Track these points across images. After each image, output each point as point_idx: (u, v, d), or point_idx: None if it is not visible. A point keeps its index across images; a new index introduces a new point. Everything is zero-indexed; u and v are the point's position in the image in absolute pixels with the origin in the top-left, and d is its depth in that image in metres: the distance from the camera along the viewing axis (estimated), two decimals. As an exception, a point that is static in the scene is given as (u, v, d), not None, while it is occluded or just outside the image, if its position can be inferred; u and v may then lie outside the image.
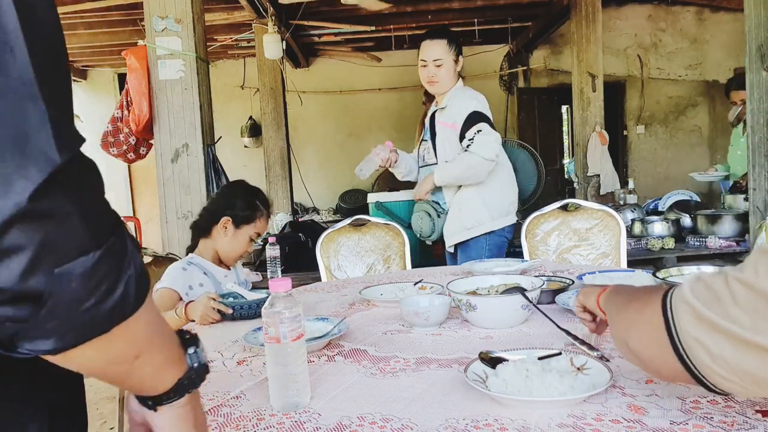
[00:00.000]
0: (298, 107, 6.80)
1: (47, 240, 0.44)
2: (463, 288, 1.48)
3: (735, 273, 0.58)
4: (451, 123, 2.56)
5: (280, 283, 0.95)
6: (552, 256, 2.49)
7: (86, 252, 0.46)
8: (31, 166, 0.43)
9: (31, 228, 0.43)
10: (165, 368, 0.61)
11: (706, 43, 7.50)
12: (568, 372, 0.95)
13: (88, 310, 0.47)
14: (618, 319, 0.79)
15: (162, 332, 0.60)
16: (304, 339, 0.98)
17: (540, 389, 0.90)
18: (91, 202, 0.49)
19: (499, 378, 0.94)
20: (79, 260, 0.46)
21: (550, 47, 7.65)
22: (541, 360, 0.98)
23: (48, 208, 0.44)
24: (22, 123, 0.43)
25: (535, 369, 0.94)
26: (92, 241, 0.47)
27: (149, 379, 0.60)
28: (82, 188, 0.48)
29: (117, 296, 0.49)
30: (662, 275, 1.55)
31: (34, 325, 0.45)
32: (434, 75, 2.57)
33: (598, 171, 5.29)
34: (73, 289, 0.45)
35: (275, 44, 4.85)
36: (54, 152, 0.44)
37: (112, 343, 0.51)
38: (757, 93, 3.08)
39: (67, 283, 0.45)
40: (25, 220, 0.43)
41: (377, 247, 2.64)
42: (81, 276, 0.46)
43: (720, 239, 3.29)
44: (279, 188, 5.81)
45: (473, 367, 0.99)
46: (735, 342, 0.56)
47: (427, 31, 2.71)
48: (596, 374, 0.95)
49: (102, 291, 0.48)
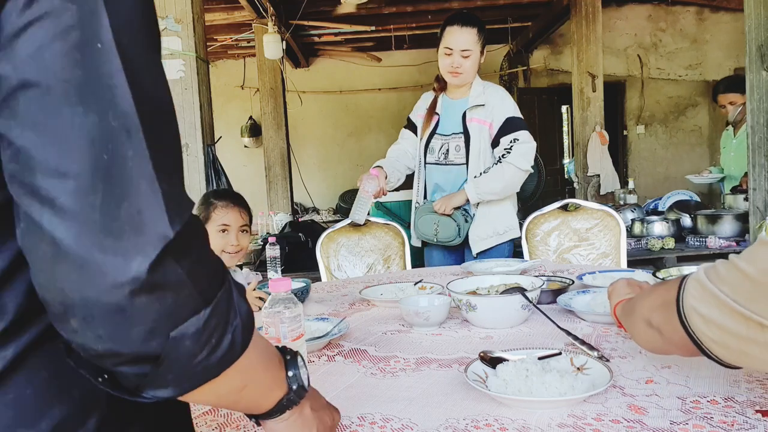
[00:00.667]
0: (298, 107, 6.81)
1: (163, 308, 0.48)
2: (463, 288, 1.48)
3: (734, 258, 0.70)
4: (489, 121, 2.38)
5: (280, 283, 0.95)
6: (552, 256, 2.49)
7: (197, 311, 0.50)
8: (146, 244, 0.47)
9: (149, 298, 0.47)
10: (269, 392, 0.66)
11: (706, 43, 7.50)
12: (568, 372, 0.95)
13: (200, 362, 0.51)
14: (644, 303, 0.89)
15: (265, 360, 0.64)
16: (304, 339, 0.98)
17: (540, 389, 0.90)
18: (201, 262, 0.52)
19: (499, 378, 0.94)
20: (191, 320, 0.50)
21: (550, 47, 7.65)
22: (541, 360, 0.98)
23: (162, 279, 0.48)
24: (137, 200, 0.47)
25: (535, 369, 0.94)
26: (202, 300, 0.51)
27: (255, 402, 0.66)
28: (192, 251, 0.51)
29: (225, 345, 0.53)
30: (662, 275, 1.55)
31: (153, 379, 0.51)
32: (460, 66, 2.34)
33: (598, 171, 5.30)
34: (186, 347, 0.50)
35: (275, 44, 4.85)
36: (167, 228, 0.48)
37: (222, 382, 0.55)
38: (757, 93, 3.08)
39: (182, 343, 0.49)
40: (143, 292, 0.47)
41: (377, 247, 2.64)
42: (193, 335, 0.50)
43: (720, 239, 3.29)
44: (279, 188, 5.82)
45: (473, 367, 0.99)
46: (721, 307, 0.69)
47: (454, 14, 2.44)
48: (596, 374, 0.95)
49: (212, 344, 0.51)
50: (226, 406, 0.72)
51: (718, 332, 0.70)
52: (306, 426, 0.72)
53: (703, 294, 0.71)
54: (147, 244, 0.47)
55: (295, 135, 7.40)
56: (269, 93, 5.80)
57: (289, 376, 0.68)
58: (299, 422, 0.72)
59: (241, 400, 0.63)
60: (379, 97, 7.85)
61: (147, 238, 0.47)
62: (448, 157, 2.44)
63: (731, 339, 0.69)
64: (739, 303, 0.67)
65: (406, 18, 6.03)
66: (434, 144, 2.48)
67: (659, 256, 3.22)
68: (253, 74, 6.67)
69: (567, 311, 1.42)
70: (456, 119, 2.44)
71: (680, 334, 0.75)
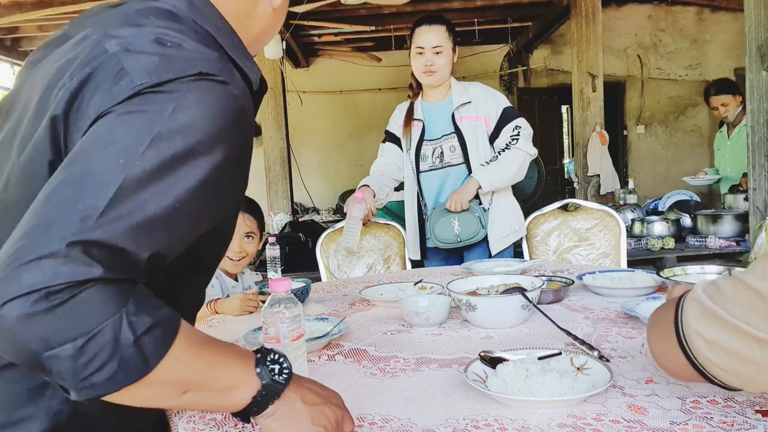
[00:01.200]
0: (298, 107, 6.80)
1: (40, 333, 0.58)
2: (463, 288, 1.48)
3: (740, 274, 0.63)
4: (483, 116, 2.38)
5: (280, 283, 0.95)
6: (552, 256, 2.49)
7: (73, 339, 0.59)
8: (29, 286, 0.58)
9: (30, 324, 0.58)
10: (231, 391, 0.71)
11: (706, 43, 7.50)
12: (568, 372, 0.95)
13: (86, 379, 0.60)
14: (648, 326, 0.83)
15: (215, 365, 0.70)
16: (305, 339, 0.98)
17: (540, 389, 0.90)
18: (76, 302, 0.60)
19: (499, 378, 0.94)
20: (65, 346, 0.58)
21: (550, 47, 7.65)
22: (541, 360, 0.98)
23: (41, 310, 0.58)
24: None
25: (535, 369, 0.94)
26: (78, 331, 0.59)
27: (218, 403, 0.72)
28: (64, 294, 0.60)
29: (113, 368, 0.60)
30: (666, 274, 1.55)
31: (58, 384, 0.62)
32: (433, 64, 2.34)
33: (598, 171, 5.29)
34: (66, 366, 0.59)
35: (275, 44, 4.86)
36: (45, 277, 0.59)
37: (145, 390, 0.64)
38: (757, 93, 3.08)
39: (59, 362, 0.59)
40: (27, 318, 0.58)
41: (377, 247, 2.64)
42: (69, 357, 0.59)
43: (720, 239, 3.29)
44: (279, 188, 5.81)
45: (473, 367, 0.99)
46: (728, 329, 0.62)
47: (422, 16, 2.45)
48: (596, 374, 0.95)
49: (94, 367, 0.60)
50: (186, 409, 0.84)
51: (725, 357, 0.63)
52: (297, 419, 0.75)
53: (704, 315, 0.65)
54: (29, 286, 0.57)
55: (295, 135, 7.39)
56: (269, 93, 5.78)
57: (258, 372, 0.72)
58: (288, 416, 0.74)
59: (196, 403, 0.70)
60: (379, 97, 7.85)
61: (27, 282, 0.58)
62: (443, 160, 2.41)
63: (741, 365, 0.62)
64: (751, 324, 0.60)
65: (406, 18, 6.02)
66: (425, 150, 2.44)
67: (659, 256, 3.22)
68: (253, 74, 6.65)
69: (569, 311, 1.42)
70: (443, 121, 2.42)
71: (680, 360, 0.69)
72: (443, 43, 2.35)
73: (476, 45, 7.16)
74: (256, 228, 1.94)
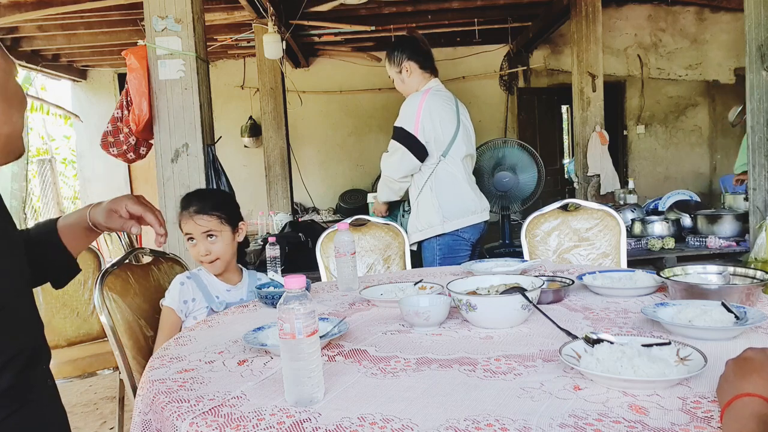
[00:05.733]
0: (298, 107, 6.81)
1: None
2: (463, 288, 1.48)
3: None
4: None
5: (295, 279, 0.95)
6: (552, 256, 2.49)
7: None
8: None
9: None
10: None
11: (706, 43, 7.51)
12: (665, 360, 0.96)
13: None
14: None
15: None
16: (318, 335, 0.98)
17: (628, 371, 0.93)
18: None
19: (593, 357, 0.99)
20: None
21: (550, 47, 7.65)
22: (644, 347, 1.00)
23: None
24: None
25: (631, 352, 0.97)
26: None
27: None
28: None
29: None
30: (666, 274, 1.55)
31: None
32: (397, 88, 2.83)
33: (598, 171, 5.30)
34: None
35: (275, 44, 4.85)
36: None
37: None
38: (757, 93, 3.08)
39: None
40: None
41: (377, 247, 2.64)
42: None
43: (720, 239, 3.29)
44: (279, 188, 5.81)
45: (573, 344, 1.05)
46: None
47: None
48: (694, 366, 0.95)
49: None
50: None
51: None
52: None
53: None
54: None
55: (295, 135, 7.40)
56: (269, 93, 5.80)
57: None
58: None
59: None
60: (379, 97, 7.85)
61: None
62: None
63: None
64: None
65: (406, 18, 6.03)
66: None
67: (659, 256, 3.22)
68: (253, 74, 6.67)
69: (569, 311, 1.42)
70: None
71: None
72: (390, 71, 2.84)
73: (476, 45, 7.16)
74: (217, 225, 1.85)
